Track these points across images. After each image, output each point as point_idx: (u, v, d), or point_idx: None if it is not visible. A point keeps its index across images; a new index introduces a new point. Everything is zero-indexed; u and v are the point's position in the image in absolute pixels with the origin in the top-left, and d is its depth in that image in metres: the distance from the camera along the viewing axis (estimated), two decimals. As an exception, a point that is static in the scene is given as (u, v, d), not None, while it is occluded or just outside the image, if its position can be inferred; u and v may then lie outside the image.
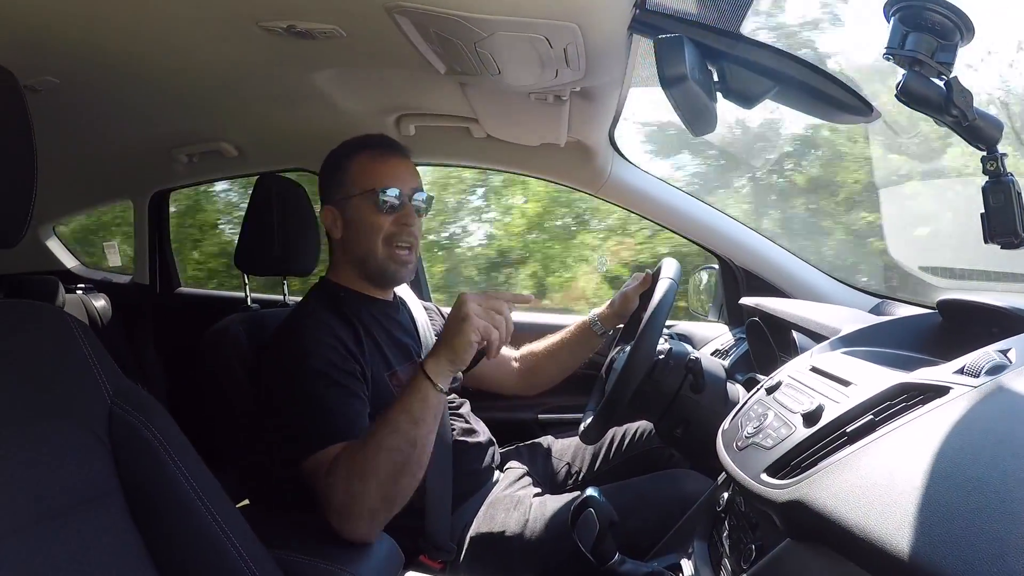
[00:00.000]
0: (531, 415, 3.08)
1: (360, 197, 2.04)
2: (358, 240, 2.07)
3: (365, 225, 2.05)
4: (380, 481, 1.60)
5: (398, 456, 1.61)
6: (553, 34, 1.58)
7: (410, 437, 1.62)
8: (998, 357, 1.05)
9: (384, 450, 1.61)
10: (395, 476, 1.61)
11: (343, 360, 1.87)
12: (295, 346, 1.88)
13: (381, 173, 2.05)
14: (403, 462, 1.62)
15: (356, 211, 2.06)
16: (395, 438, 1.62)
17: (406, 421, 1.63)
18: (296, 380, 1.82)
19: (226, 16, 1.69)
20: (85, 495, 1.16)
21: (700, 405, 1.96)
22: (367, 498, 1.60)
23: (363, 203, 2.04)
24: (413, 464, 1.64)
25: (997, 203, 1.26)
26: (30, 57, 1.91)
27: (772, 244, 2.88)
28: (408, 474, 1.63)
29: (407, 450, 1.62)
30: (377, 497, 1.61)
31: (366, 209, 2.04)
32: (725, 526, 1.47)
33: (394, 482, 1.62)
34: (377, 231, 2.03)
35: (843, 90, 1.46)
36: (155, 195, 3.88)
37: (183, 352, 2.71)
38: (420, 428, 1.63)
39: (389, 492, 1.62)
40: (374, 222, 2.03)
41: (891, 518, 0.82)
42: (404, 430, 1.62)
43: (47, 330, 1.24)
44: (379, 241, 2.04)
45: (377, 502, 1.61)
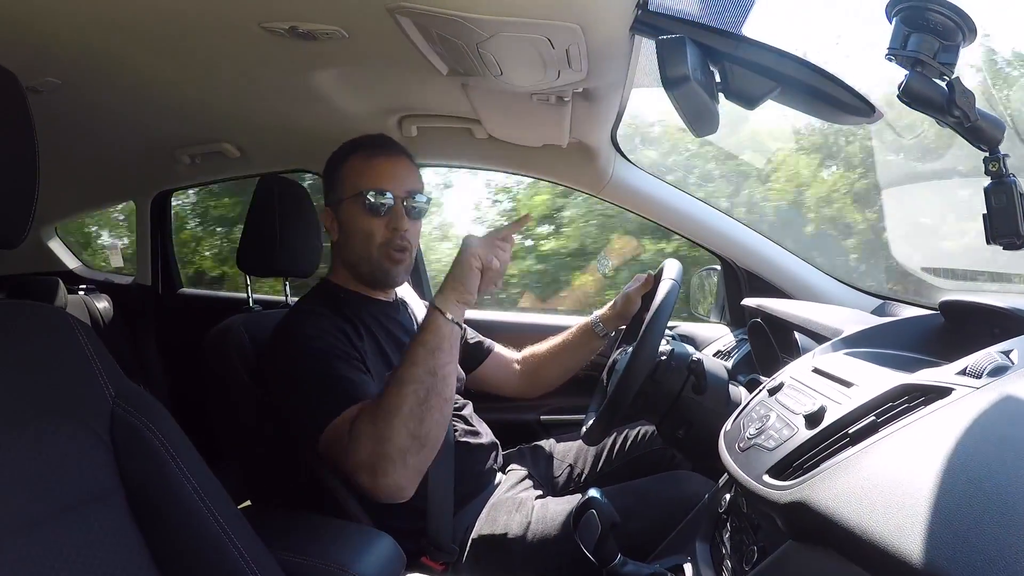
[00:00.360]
0: (533, 417, 3.08)
1: (350, 200, 2.05)
2: (351, 243, 2.09)
3: (356, 229, 2.06)
4: (406, 416, 1.63)
5: (420, 388, 1.65)
6: (555, 35, 1.58)
7: (429, 366, 1.67)
8: (1000, 358, 1.05)
9: (406, 383, 1.66)
10: (420, 409, 1.65)
11: (345, 344, 1.89)
12: (297, 334, 1.89)
13: (369, 175, 2.05)
14: (425, 394, 1.65)
15: (348, 214, 2.07)
16: (414, 370, 1.67)
17: (423, 353, 1.69)
18: (301, 361, 1.83)
19: (228, 17, 1.69)
20: (87, 495, 1.17)
21: (702, 406, 1.95)
22: (396, 437, 1.63)
23: (353, 206, 2.05)
24: (435, 396, 1.67)
25: (999, 204, 1.26)
26: (32, 58, 1.91)
27: (774, 245, 2.88)
28: (433, 408, 1.67)
29: (428, 380, 1.66)
30: (405, 435, 1.63)
31: (356, 212, 2.05)
32: (727, 528, 1.47)
33: (420, 418, 1.65)
34: (368, 235, 2.04)
35: (845, 91, 1.46)
36: (157, 196, 3.89)
37: (185, 353, 2.72)
38: (437, 357, 1.69)
39: (417, 429, 1.64)
40: (364, 226, 2.04)
41: (893, 519, 0.82)
42: (422, 360, 1.68)
43: (49, 331, 1.24)
44: (371, 245, 2.05)
45: (407, 439, 1.63)
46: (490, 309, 3.66)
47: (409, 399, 1.64)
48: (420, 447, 1.66)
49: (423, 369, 1.67)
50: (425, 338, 1.72)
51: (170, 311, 4.04)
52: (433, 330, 1.72)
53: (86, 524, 1.15)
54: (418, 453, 1.66)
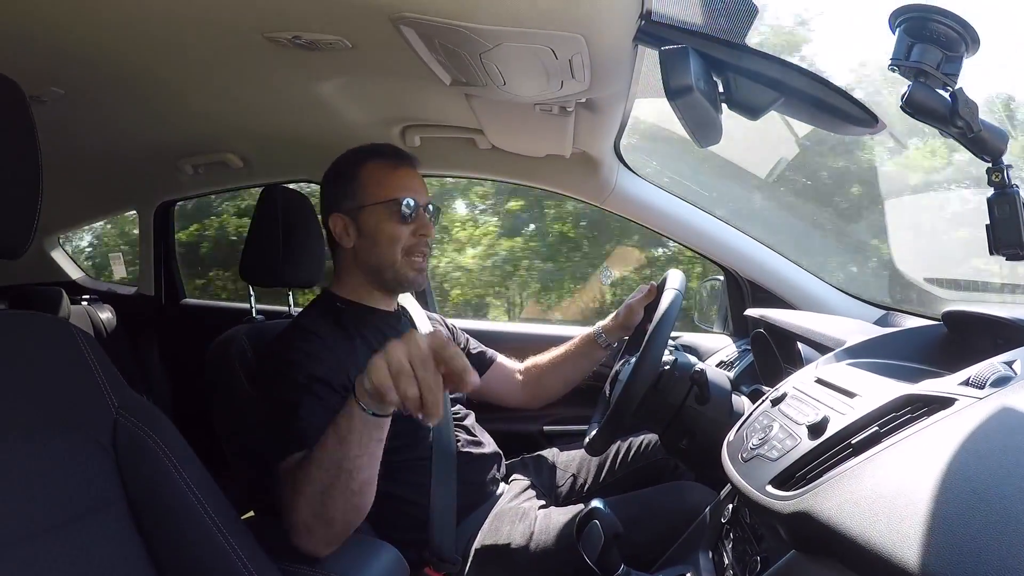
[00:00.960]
0: (536, 427, 3.08)
1: (379, 206, 2.04)
2: (374, 249, 2.08)
3: (383, 235, 2.05)
4: (307, 497, 1.55)
5: (324, 475, 1.54)
6: (558, 45, 1.58)
7: (334, 458, 1.52)
8: (1003, 369, 1.04)
9: (313, 466, 1.55)
10: (321, 496, 1.54)
11: (327, 371, 1.85)
12: (282, 356, 1.88)
13: (399, 183, 2.06)
14: (329, 482, 1.54)
15: (373, 220, 2.06)
16: (322, 455, 1.54)
17: (332, 439, 1.52)
18: (275, 390, 1.82)
19: (232, 27, 1.69)
20: (90, 505, 1.17)
21: (705, 417, 1.95)
22: (298, 512, 1.56)
23: (382, 212, 2.04)
24: (340, 488, 1.54)
25: (1003, 214, 1.26)
26: (35, 68, 1.91)
27: (777, 255, 2.88)
28: (336, 496, 1.55)
29: (332, 471, 1.53)
30: (309, 513, 1.56)
31: (385, 219, 2.04)
32: (730, 538, 1.47)
33: (321, 502, 1.55)
34: (396, 241, 2.04)
35: (848, 101, 1.46)
36: (160, 206, 3.89)
37: (188, 363, 2.72)
38: (344, 448, 1.51)
39: (318, 510, 1.55)
40: (393, 232, 2.04)
41: (896, 530, 0.82)
42: (330, 448, 1.52)
43: (52, 341, 1.24)
44: (398, 251, 2.05)
45: (310, 517, 1.56)
46: (493, 320, 3.66)
47: (314, 483, 1.54)
48: (325, 527, 1.57)
49: (330, 458, 1.53)
50: (338, 421, 1.51)
51: (173, 321, 4.05)
52: (346, 416, 1.48)
53: (88, 533, 1.15)
54: (324, 530, 1.58)
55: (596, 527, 1.42)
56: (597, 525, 1.42)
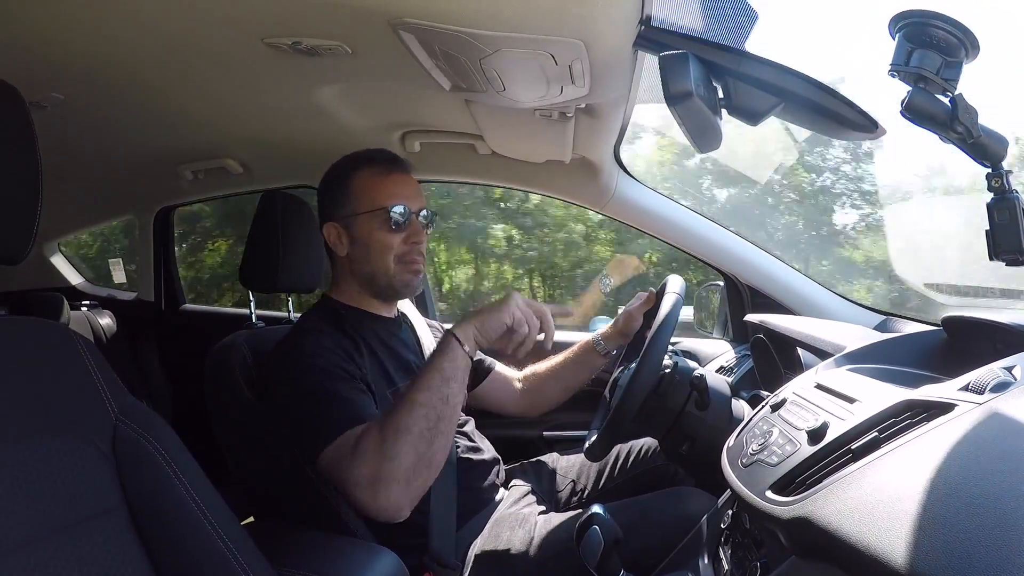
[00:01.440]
0: (536, 432, 3.07)
1: (369, 215, 2.05)
2: (367, 258, 2.08)
3: (375, 243, 2.06)
4: (416, 438, 1.63)
5: (431, 413, 1.66)
6: (558, 51, 1.58)
7: (442, 393, 1.68)
8: (1003, 374, 1.04)
9: (418, 405, 1.65)
10: (430, 433, 1.64)
11: (347, 362, 1.89)
12: (298, 351, 1.89)
13: (389, 190, 2.06)
14: (436, 419, 1.66)
15: (364, 229, 2.07)
16: (427, 395, 1.67)
17: (437, 378, 1.69)
18: (302, 379, 1.82)
19: (232, 33, 1.69)
20: (90, 511, 1.17)
21: (705, 422, 1.95)
22: (403, 457, 1.62)
23: (372, 221, 2.05)
24: (444, 422, 1.68)
25: (1002, 220, 1.26)
26: (36, 74, 1.92)
27: (777, 261, 2.88)
28: (442, 433, 1.67)
29: (439, 407, 1.67)
30: (413, 455, 1.63)
31: (376, 227, 2.05)
32: (730, 544, 1.46)
33: (428, 441, 1.64)
34: (388, 250, 2.05)
35: (848, 107, 1.46)
36: (160, 211, 3.90)
37: (188, 369, 2.72)
38: (450, 386, 1.70)
39: (425, 451, 1.64)
40: (384, 241, 2.05)
41: (896, 535, 0.82)
42: (436, 386, 1.68)
43: (52, 347, 1.24)
44: (390, 259, 2.06)
45: (414, 460, 1.63)
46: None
47: (420, 421, 1.64)
48: (425, 468, 1.66)
49: (436, 396, 1.67)
50: (441, 364, 1.72)
51: (173, 327, 4.05)
52: (451, 358, 1.73)
53: (89, 539, 1.15)
54: (423, 474, 1.66)
55: (596, 533, 1.42)
56: (597, 531, 1.42)
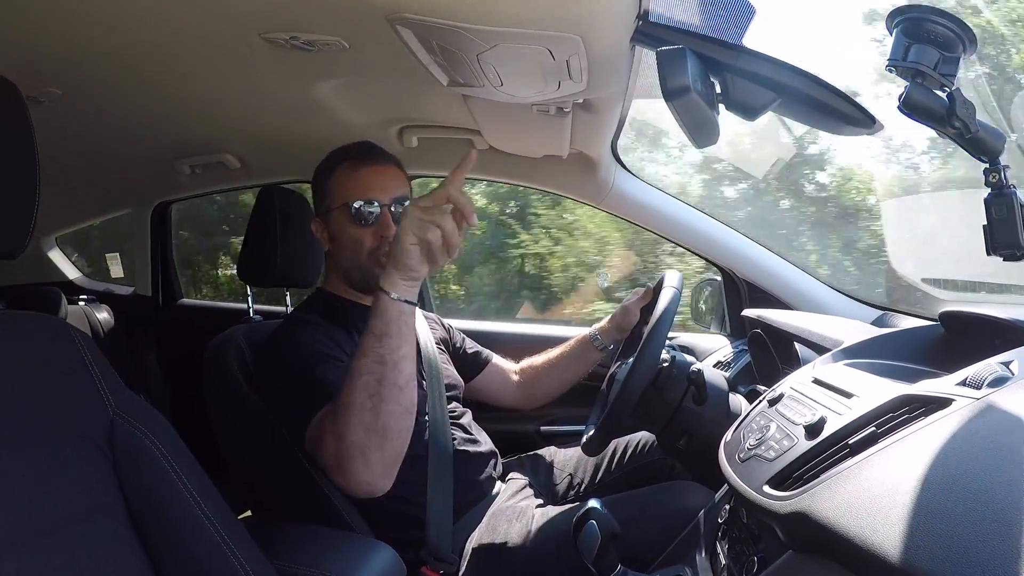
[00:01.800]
0: (533, 426, 3.08)
1: (338, 211, 2.07)
2: (342, 253, 2.11)
3: (346, 239, 2.08)
4: (358, 410, 1.59)
5: (370, 380, 1.59)
6: (556, 46, 1.58)
7: (377, 354, 1.60)
8: (1000, 369, 1.05)
9: (356, 376, 1.61)
10: (372, 401, 1.59)
11: (335, 349, 1.91)
12: (287, 342, 1.92)
13: (355, 185, 2.07)
14: (377, 385, 1.59)
15: (337, 225, 2.09)
16: (363, 361, 1.61)
17: (370, 341, 1.62)
18: (289, 368, 1.85)
19: (229, 28, 1.69)
20: (87, 506, 1.17)
21: (702, 417, 1.95)
22: (352, 434, 1.59)
23: (341, 216, 2.07)
24: (388, 386, 1.60)
25: (1000, 215, 1.26)
26: (33, 68, 1.91)
27: (774, 256, 2.88)
28: (387, 398, 1.60)
29: (377, 369, 1.60)
30: (361, 430, 1.59)
31: (346, 223, 2.07)
32: (727, 538, 1.47)
33: (374, 410, 1.59)
34: (359, 245, 2.06)
35: (846, 102, 1.46)
36: (158, 206, 3.89)
37: (185, 363, 2.71)
38: (384, 343, 1.61)
39: (372, 422, 1.59)
40: (354, 236, 2.06)
41: (893, 530, 0.82)
42: (370, 349, 1.61)
43: (50, 342, 1.24)
44: (362, 255, 2.07)
45: (363, 434, 1.59)
46: (489, 320, 3.65)
47: (359, 393, 1.59)
48: (380, 440, 1.61)
49: (372, 358, 1.60)
50: (372, 323, 1.63)
51: (170, 322, 4.04)
52: (379, 314, 1.63)
53: (87, 535, 1.15)
54: (379, 448, 1.62)
55: (593, 527, 1.42)
56: (594, 525, 1.42)
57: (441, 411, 2.14)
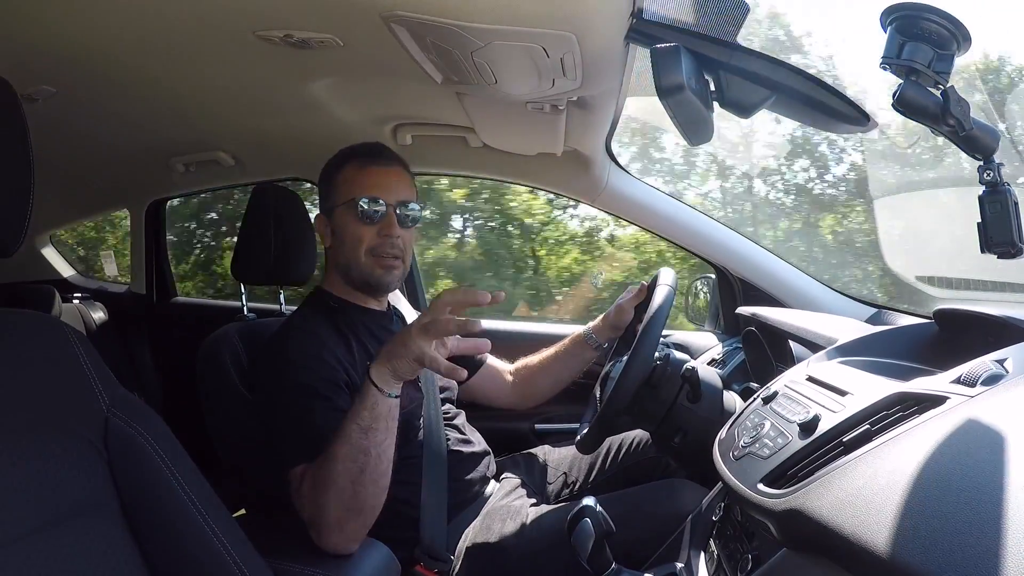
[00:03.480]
0: (527, 425, 3.07)
1: (343, 207, 2.07)
2: (342, 250, 2.10)
3: (348, 236, 2.07)
4: (338, 491, 1.62)
5: (352, 466, 1.63)
6: (549, 44, 1.58)
7: (361, 446, 1.63)
8: (994, 367, 1.05)
9: (338, 461, 1.63)
10: (352, 486, 1.62)
11: (330, 371, 1.89)
12: (282, 357, 1.90)
13: (362, 183, 2.07)
14: (358, 471, 1.63)
15: (340, 221, 2.09)
16: (347, 448, 1.63)
17: (356, 431, 1.63)
18: (281, 392, 1.84)
19: (223, 26, 1.69)
20: (81, 504, 1.16)
21: (697, 415, 1.95)
22: (329, 510, 1.63)
23: (345, 213, 2.06)
24: (369, 472, 1.64)
25: (994, 213, 1.26)
26: (27, 66, 1.91)
27: (769, 254, 2.89)
28: (366, 483, 1.64)
29: (361, 459, 1.63)
30: (339, 507, 1.62)
31: (348, 219, 2.06)
32: (722, 536, 1.47)
33: (352, 492, 1.63)
34: (359, 242, 2.06)
35: (840, 100, 1.46)
36: (152, 204, 3.88)
37: (180, 361, 2.71)
38: (370, 436, 1.64)
39: (349, 502, 1.63)
40: (356, 233, 2.06)
41: (887, 527, 0.82)
42: (355, 440, 1.63)
43: (43, 340, 1.24)
44: (361, 252, 2.07)
45: (340, 512, 1.63)
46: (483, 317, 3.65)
47: (342, 475, 1.62)
48: (357, 516, 1.65)
49: (356, 449, 1.63)
50: (359, 414, 1.65)
51: (164, 319, 4.04)
52: (369, 407, 1.64)
53: (81, 534, 1.14)
54: (356, 521, 1.66)
55: (587, 525, 1.42)
56: (588, 523, 1.42)
57: (435, 413, 2.15)
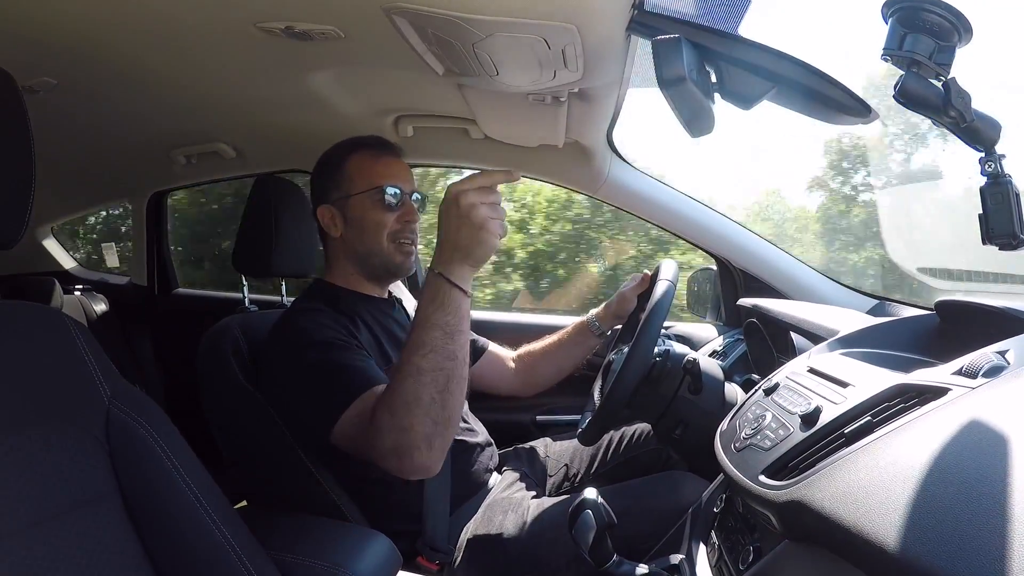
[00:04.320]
0: (529, 417, 3.07)
1: (364, 195, 2.06)
2: (361, 238, 2.09)
3: (370, 222, 2.07)
4: (427, 406, 1.57)
5: (440, 376, 1.57)
6: (551, 35, 1.57)
7: (449, 351, 1.58)
8: (996, 358, 1.05)
9: (425, 372, 1.57)
10: (442, 396, 1.58)
11: (346, 335, 1.89)
12: (296, 330, 1.90)
13: (383, 172, 2.08)
14: (446, 381, 1.58)
15: (359, 209, 2.08)
16: (433, 357, 1.57)
17: (441, 337, 1.58)
18: (304, 354, 1.81)
19: (224, 17, 1.69)
20: (83, 496, 1.16)
21: (698, 407, 1.95)
22: (419, 426, 1.57)
23: (367, 201, 2.06)
24: (455, 380, 1.60)
25: (996, 204, 1.26)
26: (28, 58, 1.91)
27: (770, 245, 2.88)
28: (454, 391, 1.60)
29: (448, 366, 1.58)
30: (429, 423, 1.57)
31: (370, 207, 2.06)
32: (723, 528, 1.47)
33: (442, 403, 1.58)
34: (382, 228, 2.06)
35: (841, 91, 1.46)
36: (153, 196, 3.89)
37: (181, 353, 2.71)
38: (456, 340, 1.59)
39: (439, 415, 1.58)
40: (379, 219, 2.06)
41: (888, 519, 0.82)
42: (440, 345, 1.58)
43: (45, 331, 1.24)
44: (384, 237, 2.07)
45: (430, 427, 1.57)
46: (485, 309, 3.65)
47: (429, 388, 1.56)
48: (444, 429, 1.60)
49: (443, 355, 1.57)
50: (444, 319, 1.58)
51: (166, 311, 4.04)
52: (452, 309, 1.58)
53: (82, 526, 1.14)
54: (443, 435, 1.60)
55: (589, 517, 1.42)
56: (590, 515, 1.42)
57: None
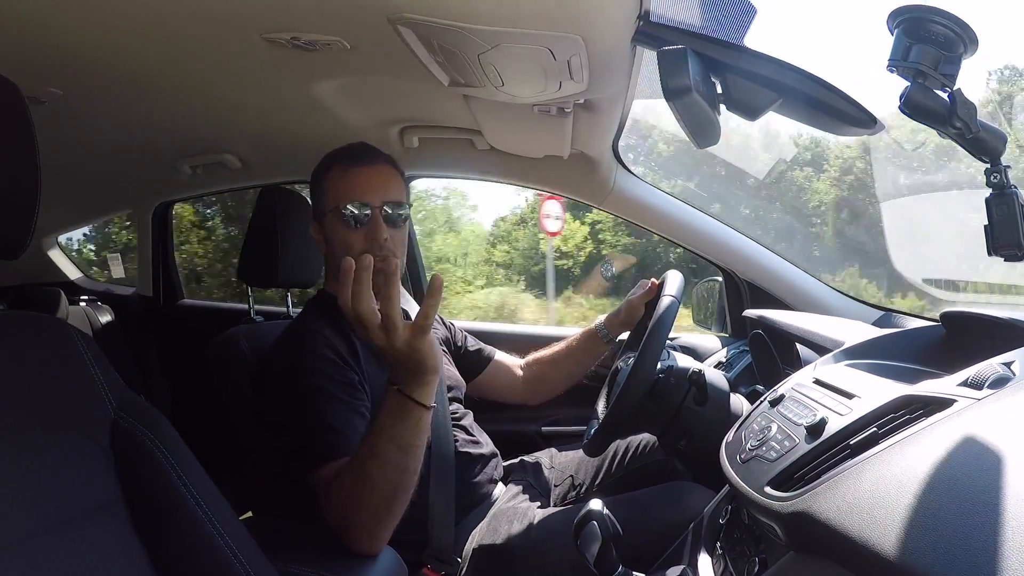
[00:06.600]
0: (534, 428, 3.08)
1: (331, 214, 2.03)
2: (335, 256, 2.06)
3: (338, 243, 2.03)
4: (372, 504, 1.59)
5: (388, 486, 1.59)
6: (556, 46, 1.58)
7: (400, 464, 1.58)
8: (1002, 369, 1.04)
9: (375, 480, 1.58)
10: (388, 500, 1.59)
11: (340, 371, 1.87)
12: (291, 361, 1.88)
13: (347, 188, 2.03)
14: (393, 489, 1.59)
15: (330, 228, 2.06)
16: (384, 469, 1.58)
17: (395, 451, 1.57)
18: (294, 396, 1.81)
19: (230, 28, 1.69)
20: (88, 507, 1.16)
21: (703, 418, 1.95)
22: (363, 520, 1.60)
23: (335, 220, 2.03)
24: (404, 487, 1.61)
25: (1001, 215, 1.26)
26: (34, 68, 1.91)
27: (776, 256, 2.88)
28: (401, 497, 1.61)
29: (397, 479, 1.59)
30: (372, 520, 1.60)
31: (337, 226, 2.03)
32: (728, 539, 1.46)
33: (387, 506, 1.60)
34: (347, 247, 1.98)
35: (847, 102, 1.46)
36: (159, 206, 3.90)
37: (187, 364, 2.72)
38: (409, 453, 1.58)
39: (382, 514, 1.60)
40: (345, 239, 2.01)
41: (894, 531, 0.82)
42: (393, 460, 1.58)
43: (50, 342, 1.24)
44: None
45: (372, 523, 1.60)
46: (491, 321, 3.65)
47: (377, 491, 1.58)
48: (389, 522, 1.62)
49: (393, 468, 1.58)
50: (400, 433, 1.58)
51: (171, 322, 4.05)
52: (411, 424, 1.58)
53: (88, 536, 1.14)
54: (388, 527, 1.63)
55: (594, 528, 1.42)
56: (595, 526, 1.42)
57: (443, 413, 2.14)
